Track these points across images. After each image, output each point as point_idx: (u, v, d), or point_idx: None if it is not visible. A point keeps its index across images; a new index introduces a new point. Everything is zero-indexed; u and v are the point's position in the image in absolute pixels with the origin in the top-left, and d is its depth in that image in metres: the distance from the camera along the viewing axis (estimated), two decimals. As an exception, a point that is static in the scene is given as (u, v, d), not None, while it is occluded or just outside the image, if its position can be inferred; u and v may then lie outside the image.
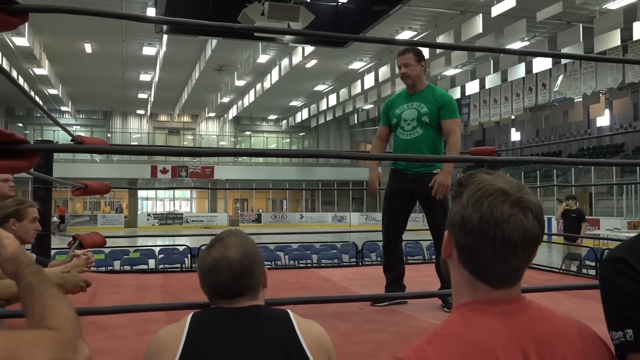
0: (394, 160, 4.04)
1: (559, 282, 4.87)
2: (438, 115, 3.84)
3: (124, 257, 8.47)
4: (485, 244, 0.97)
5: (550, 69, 19.50)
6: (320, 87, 27.65)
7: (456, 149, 3.77)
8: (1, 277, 2.60)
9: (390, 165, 4.18)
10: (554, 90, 19.50)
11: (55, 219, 24.22)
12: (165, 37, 18.01)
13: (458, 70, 22.05)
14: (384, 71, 20.56)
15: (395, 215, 4.03)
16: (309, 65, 22.77)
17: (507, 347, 0.94)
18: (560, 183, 24.60)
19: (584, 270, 7.97)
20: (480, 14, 14.38)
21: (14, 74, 20.86)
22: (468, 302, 1.02)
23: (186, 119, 37.17)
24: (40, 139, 25.37)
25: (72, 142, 3.36)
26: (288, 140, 40.00)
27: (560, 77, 19.01)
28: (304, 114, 31.62)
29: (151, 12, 15.21)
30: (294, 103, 32.24)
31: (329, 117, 30.27)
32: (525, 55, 18.41)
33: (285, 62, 21.23)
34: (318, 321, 1.53)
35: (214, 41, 18.62)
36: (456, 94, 22.32)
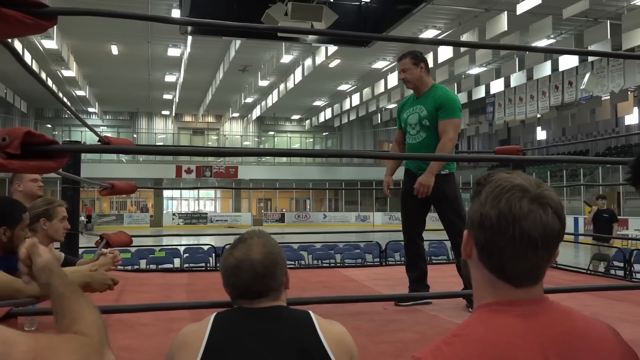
0: (415, 159, 4.03)
1: (587, 283, 4.80)
2: (437, 116, 3.83)
3: (150, 256, 8.57)
4: (504, 240, 0.95)
5: (576, 67, 19.18)
6: (343, 87, 27.62)
7: (445, 149, 3.73)
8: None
9: (404, 165, 4.21)
10: (581, 88, 19.17)
11: (82, 218, 24.61)
12: (189, 38, 18.17)
13: (483, 69, 21.83)
14: (407, 70, 20.42)
15: (411, 214, 4.06)
16: (332, 65, 22.77)
17: (528, 349, 0.92)
18: (588, 182, 24.20)
19: (612, 271, 7.83)
20: (505, 12, 14.23)
21: (43, 76, 21.24)
22: (489, 303, 1.00)
23: (210, 119, 37.46)
24: (68, 139, 25.78)
25: (100, 143, 3.42)
26: (311, 140, 40.04)
27: (587, 75, 18.69)
28: (327, 113, 31.63)
29: (176, 13, 15.36)
30: (317, 103, 32.25)
31: (352, 117, 30.23)
32: (552, 53, 18.16)
33: (308, 62, 21.26)
34: (341, 321, 1.53)
35: (238, 42, 18.73)
36: (480, 92, 22.11)
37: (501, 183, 0.98)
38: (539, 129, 30.96)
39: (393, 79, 21.67)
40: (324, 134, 39.78)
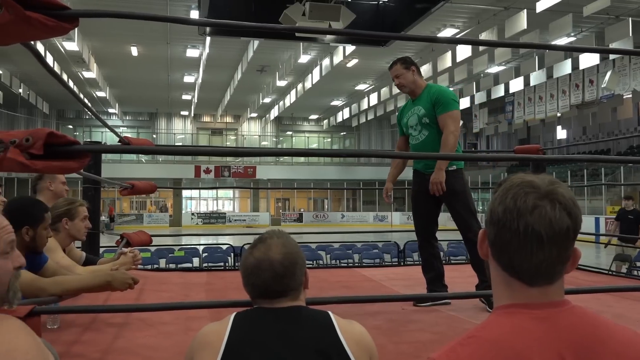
0: (430, 159, 4.03)
1: (609, 284, 4.73)
2: (435, 113, 3.86)
3: (169, 255, 8.64)
4: (509, 234, 0.96)
5: (597, 65, 18.92)
6: (361, 87, 27.58)
7: (447, 143, 3.75)
8: (54, 273, 2.69)
9: (412, 167, 4.22)
10: (602, 86, 18.91)
11: (104, 218, 24.87)
12: (208, 39, 18.28)
13: (502, 68, 21.64)
14: (425, 69, 20.32)
15: (422, 214, 4.08)
16: (350, 64, 22.75)
17: (544, 352, 0.91)
18: (609, 182, 23.89)
19: (635, 272, 7.72)
20: (525, 10, 14.08)
21: (65, 77, 21.51)
22: (506, 305, 1.00)
23: (229, 119, 37.65)
24: (89, 140, 26.10)
25: (120, 143, 3.46)
26: (329, 139, 40.04)
27: (609, 73, 18.43)
28: (345, 113, 31.59)
29: (195, 14, 15.47)
30: (335, 103, 32.25)
31: (370, 117, 30.15)
32: (572, 51, 17.93)
33: (326, 61, 21.27)
34: (360, 320, 1.53)
35: (256, 42, 18.80)
36: (500, 91, 21.91)
37: (513, 180, 1.00)
38: (559, 128, 30.62)
39: (411, 79, 21.53)
40: (342, 133, 39.75)
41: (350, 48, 18.67)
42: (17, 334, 1.06)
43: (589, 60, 17.58)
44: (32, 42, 2.08)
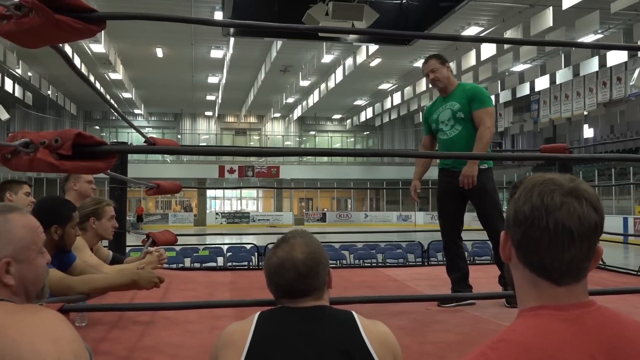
0: (457, 158, 4.00)
1: (637, 285, 4.65)
2: (470, 109, 3.85)
3: (194, 254, 8.71)
4: (539, 232, 0.95)
5: (625, 62, 18.56)
6: (384, 86, 27.48)
7: (483, 138, 3.75)
8: (82, 272, 2.74)
9: (437, 166, 4.18)
10: (630, 84, 18.53)
11: (130, 218, 25.19)
12: (232, 39, 18.39)
13: (527, 66, 21.37)
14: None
15: (449, 214, 4.04)
16: (373, 64, 22.68)
17: (575, 354, 0.90)
18: (638, 181, 23.43)
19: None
20: (551, 7, 13.88)
21: (92, 79, 21.85)
22: (534, 307, 0.98)
23: (252, 119, 37.83)
24: (115, 140, 26.45)
25: (145, 144, 3.50)
26: (352, 139, 39.99)
27: (637, 71, 18.04)
28: (369, 112, 31.51)
29: (219, 15, 15.57)
30: (358, 102, 32.19)
31: (394, 116, 30.03)
32: (599, 49, 17.63)
33: (349, 61, 21.24)
34: (384, 320, 1.53)
35: (279, 42, 18.86)
36: (525, 90, 21.64)
37: (534, 179, 1.00)
38: (585, 126, 30.09)
39: (435, 77, 21.38)
40: (365, 133, 39.65)
41: (373, 47, 18.61)
42: (60, 324, 1.12)
43: (616, 57, 17.26)
44: (61, 45, 2.12)
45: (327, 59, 21.61)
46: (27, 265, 1.25)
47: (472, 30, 17.81)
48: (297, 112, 31.81)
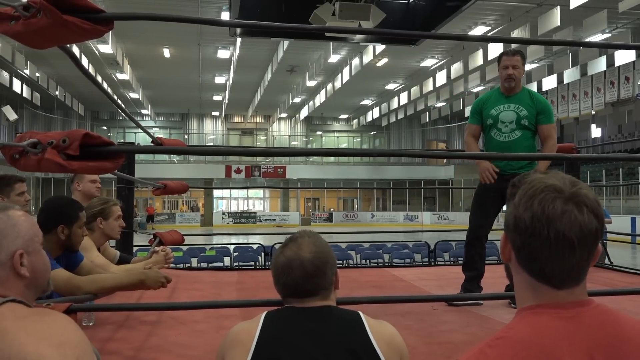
0: (467, 158, 3.98)
1: (646, 286, 4.62)
2: (536, 119, 3.86)
3: (201, 254, 8.73)
4: (540, 242, 0.94)
5: (633, 62, 18.45)
6: (391, 86, 27.44)
7: (553, 152, 3.85)
8: (90, 271, 2.75)
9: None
10: (638, 83, 18.44)
11: (137, 218, 25.25)
12: (239, 40, 18.42)
13: (534, 65, 21.29)
14: (456, 68, 20.14)
15: (484, 214, 4.00)
16: (379, 63, 22.66)
17: (573, 352, 0.91)
18: (646, 181, 23.30)
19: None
20: (558, 6, 13.82)
21: (99, 79, 21.94)
22: (532, 306, 0.99)
23: (259, 119, 37.86)
24: (122, 141, 26.57)
25: (153, 144, 3.51)
26: (359, 139, 39.96)
27: (646, 70, 17.97)
28: (375, 112, 31.48)
29: (226, 16, 15.61)
30: (365, 102, 32.16)
31: (400, 116, 29.98)
32: (607, 48, 17.53)
33: (356, 61, 21.22)
34: (391, 320, 1.53)
35: (286, 43, 18.87)
36: (532, 89, 21.53)
37: (534, 184, 0.98)
38: (593, 126, 29.89)
39: (442, 77, 21.38)
40: (372, 133, 39.62)
41: (380, 47, 18.59)
42: (67, 328, 1.14)
43: (624, 57, 17.17)
44: (68, 46, 2.13)
45: (333, 58, 21.60)
46: (35, 256, 1.30)
47: (479, 30, 17.76)
48: (304, 112, 31.82)
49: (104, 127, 36.08)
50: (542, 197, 0.95)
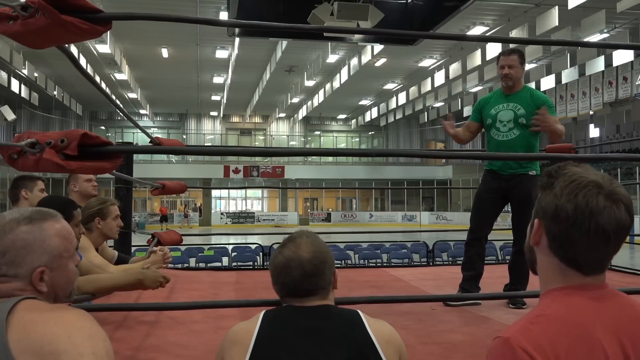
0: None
1: (644, 286, 4.62)
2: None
3: (199, 254, 8.73)
4: (579, 233, 1.02)
5: (631, 62, 18.48)
6: (389, 86, 27.46)
7: (561, 130, 3.75)
8: (88, 271, 2.75)
9: (485, 167, 4.14)
10: (636, 83, 18.47)
11: (135, 218, 25.20)
12: (237, 40, 18.42)
13: (532, 65, 21.30)
14: (454, 68, 20.16)
15: (484, 214, 4.00)
16: (378, 64, 22.67)
17: (605, 329, 1.00)
18: (644, 181, 23.29)
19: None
20: (556, 6, 13.83)
21: (97, 79, 21.92)
22: (561, 287, 1.06)
23: (257, 119, 37.86)
24: (120, 141, 26.54)
25: (151, 144, 3.50)
26: (357, 139, 39.98)
27: (644, 70, 18.00)
28: (374, 112, 31.50)
29: (224, 16, 15.60)
30: (363, 102, 32.17)
31: (399, 116, 29.99)
32: (605, 48, 17.56)
33: (354, 61, 21.23)
34: (389, 320, 1.53)
35: (284, 43, 18.88)
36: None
37: (576, 178, 1.05)
38: (591, 126, 29.98)
39: (440, 77, 21.40)
40: (370, 133, 39.64)
41: (378, 47, 18.61)
42: (93, 322, 1.16)
43: (622, 57, 17.20)
44: (67, 45, 2.13)
45: (332, 59, 21.60)
46: (58, 272, 1.27)
47: (477, 30, 17.77)
48: (302, 112, 31.82)
49: (102, 127, 36.04)
50: (586, 191, 1.02)
